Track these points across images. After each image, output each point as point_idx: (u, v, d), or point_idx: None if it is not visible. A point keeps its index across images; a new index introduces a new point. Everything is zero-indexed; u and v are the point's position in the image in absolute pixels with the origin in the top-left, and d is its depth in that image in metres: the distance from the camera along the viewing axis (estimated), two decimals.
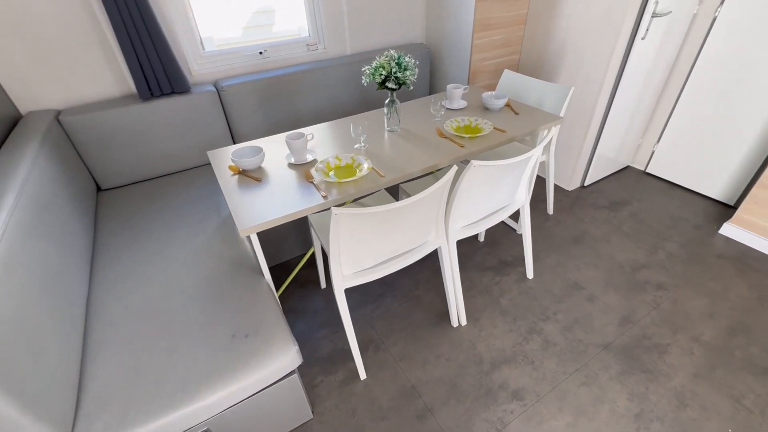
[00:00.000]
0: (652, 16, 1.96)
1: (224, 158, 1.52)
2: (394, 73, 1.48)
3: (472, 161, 1.25)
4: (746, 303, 1.74)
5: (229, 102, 2.03)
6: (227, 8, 2.03)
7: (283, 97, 2.18)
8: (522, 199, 1.69)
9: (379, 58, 1.51)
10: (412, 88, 1.58)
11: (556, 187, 2.61)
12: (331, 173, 1.38)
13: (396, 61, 1.49)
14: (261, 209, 1.21)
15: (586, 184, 2.60)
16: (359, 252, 1.25)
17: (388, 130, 1.69)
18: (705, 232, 2.15)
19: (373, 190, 1.33)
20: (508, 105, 1.87)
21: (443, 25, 2.45)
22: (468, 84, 2.43)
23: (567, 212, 2.36)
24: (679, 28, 2.18)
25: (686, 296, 1.78)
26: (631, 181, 2.64)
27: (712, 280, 1.86)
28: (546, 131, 1.77)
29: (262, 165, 1.47)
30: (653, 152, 2.62)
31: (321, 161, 1.41)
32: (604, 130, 2.32)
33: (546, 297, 1.81)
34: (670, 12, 2.01)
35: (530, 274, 1.92)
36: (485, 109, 1.87)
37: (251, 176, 1.39)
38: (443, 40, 2.50)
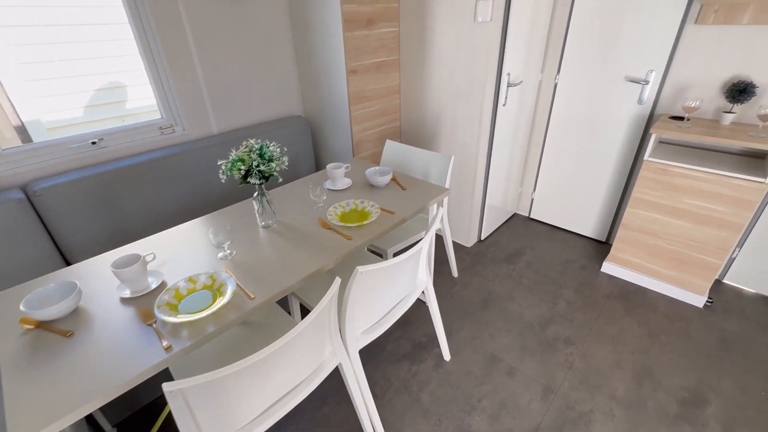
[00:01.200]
0: (508, 86, 2.13)
1: (8, 307, 1.07)
2: (257, 166, 1.25)
3: (358, 268, 1.05)
4: (641, 343, 1.82)
5: (48, 209, 1.56)
6: (61, 83, 1.63)
7: (131, 193, 1.78)
8: (424, 281, 1.55)
9: (235, 150, 1.27)
10: (281, 179, 1.36)
11: (457, 246, 2.60)
12: (182, 305, 1.04)
13: (258, 152, 1.27)
14: (62, 391, 0.81)
15: (482, 238, 2.65)
16: (231, 413, 0.91)
17: (263, 226, 1.43)
18: (590, 272, 2.30)
19: (240, 321, 1.03)
20: (394, 179, 1.78)
21: (320, 98, 2.36)
22: (353, 154, 2.34)
23: (471, 272, 2.33)
24: (531, 94, 2.43)
25: (592, 348, 1.80)
26: (520, 228, 2.78)
27: (608, 323, 1.93)
28: (436, 206, 1.70)
29: (81, 304, 1.06)
30: (532, 200, 2.82)
31: (168, 289, 1.07)
32: (488, 187, 2.41)
33: (467, 381, 1.65)
34: (521, 81, 2.23)
35: (447, 356, 1.76)
36: (371, 186, 1.75)
37: (56, 330, 0.97)
38: (322, 112, 2.40)
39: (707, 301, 2.02)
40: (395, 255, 1.41)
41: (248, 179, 1.27)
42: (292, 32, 2.32)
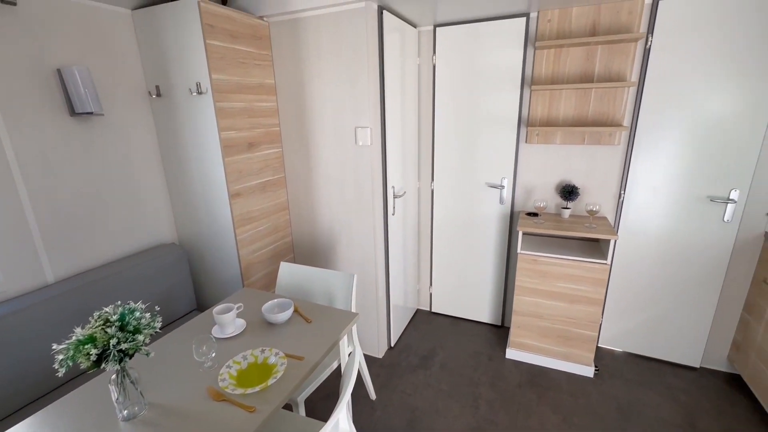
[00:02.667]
0: (394, 197, 2.27)
1: None
2: (116, 345, 0.96)
3: None
4: (560, 431, 1.86)
5: None
6: None
7: None
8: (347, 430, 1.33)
9: (81, 328, 0.96)
10: (152, 354, 1.06)
11: (369, 359, 2.43)
12: None
13: (117, 324, 0.98)
14: None
15: (393, 344, 2.55)
16: None
17: (124, 418, 1.06)
18: (498, 362, 2.37)
19: None
20: (296, 311, 1.60)
21: (198, 222, 2.12)
22: (243, 281, 2.09)
23: (389, 389, 2.16)
24: (413, 201, 2.65)
25: None
26: (426, 324, 2.79)
27: (528, 417, 1.95)
28: (346, 337, 1.56)
29: None
30: (431, 294, 2.91)
31: None
32: (390, 291, 2.39)
33: None
34: (405, 192, 2.42)
35: None
36: (269, 324, 1.53)
37: None
38: (201, 238, 2.14)
39: (595, 371, 2.24)
40: (306, 403, 1.18)
41: (103, 364, 0.95)
42: (161, 156, 2.11)
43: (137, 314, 1.03)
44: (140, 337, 0.99)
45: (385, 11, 1.95)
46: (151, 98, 2.01)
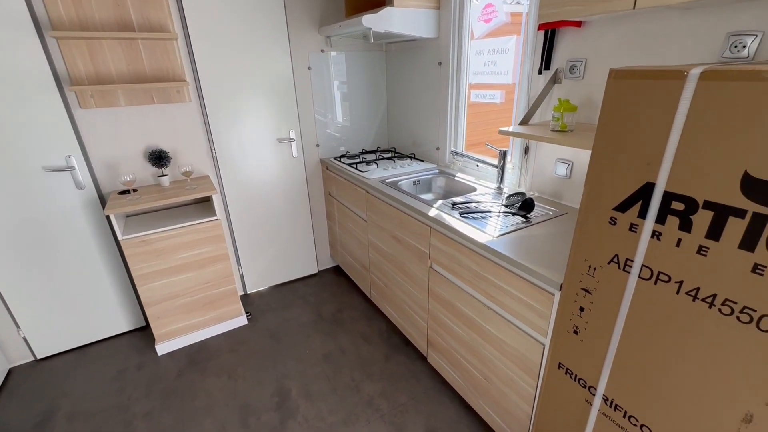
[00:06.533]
0: None
1: None
2: None
3: None
4: (225, 388, 1.88)
5: None
6: None
7: None
8: None
9: None
10: None
11: None
12: None
13: None
14: None
15: None
16: None
17: None
18: (150, 366, 2.05)
19: None
20: None
21: None
22: None
23: None
24: None
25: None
26: (30, 381, 1.97)
27: (194, 399, 1.83)
28: None
29: None
30: (25, 338, 2.05)
31: None
32: None
33: None
34: None
35: None
36: None
37: None
38: None
39: (248, 317, 2.41)
40: None
41: None
42: None
43: None
44: None
45: None
46: None
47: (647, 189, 0.80)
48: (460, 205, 1.64)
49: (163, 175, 2.08)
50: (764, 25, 1.00)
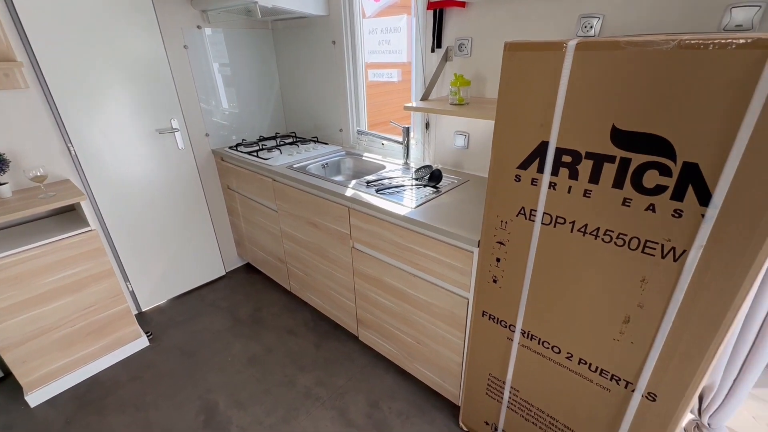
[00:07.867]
0: None
1: None
2: None
3: None
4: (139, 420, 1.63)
5: None
6: None
7: None
8: None
9: None
10: None
11: None
12: None
13: None
14: None
15: None
16: None
17: None
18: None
19: None
20: None
21: None
22: None
23: None
24: None
25: None
26: None
27: None
28: None
29: None
30: None
31: None
32: None
33: None
34: None
35: None
36: None
37: None
38: None
39: (149, 336, 2.09)
40: None
41: None
42: None
43: None
44: None
45: None
46: None
47: (542, 147, 0.93)
48: (374, 183, 1.68)
49: (2, 184, 1.63)
50: (603, 8, 1.24)
